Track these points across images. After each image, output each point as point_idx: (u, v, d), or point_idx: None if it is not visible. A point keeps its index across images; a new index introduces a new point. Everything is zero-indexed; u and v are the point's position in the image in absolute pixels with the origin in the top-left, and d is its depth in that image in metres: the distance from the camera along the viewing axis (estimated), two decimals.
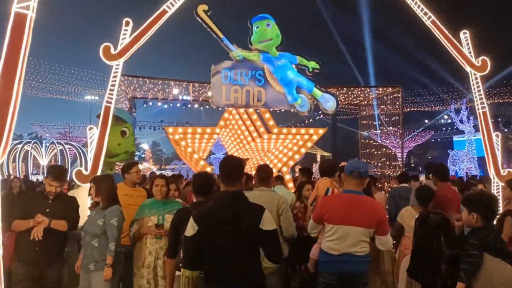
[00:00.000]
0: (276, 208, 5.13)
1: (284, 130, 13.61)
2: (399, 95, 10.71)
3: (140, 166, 35.57)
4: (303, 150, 13.79)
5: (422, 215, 4.75)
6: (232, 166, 3.32)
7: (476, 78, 7.34)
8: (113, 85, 6.84)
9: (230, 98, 10.21)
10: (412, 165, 44.66)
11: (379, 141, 15.05)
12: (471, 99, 25.97)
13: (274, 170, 15.98)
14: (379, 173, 14.47)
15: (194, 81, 10.30)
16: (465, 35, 7.42)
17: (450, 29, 7.39)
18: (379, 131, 13.93)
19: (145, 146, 57.64)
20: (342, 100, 11.93)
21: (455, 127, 38.15)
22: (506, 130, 35.47)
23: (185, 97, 34.13)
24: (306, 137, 14.04)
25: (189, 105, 34.31)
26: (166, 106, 32.04)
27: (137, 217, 4.96)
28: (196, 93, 11.43)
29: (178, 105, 32.95)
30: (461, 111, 24.94)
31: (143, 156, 43.45)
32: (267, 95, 10.35)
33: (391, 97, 10.91)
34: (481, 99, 7.31)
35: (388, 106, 11.04)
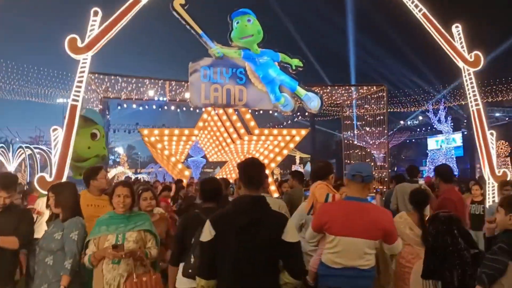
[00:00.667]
0: None
1: (266, 131, 13.05)
2: (384, 93, 10.30)
3: (115, 171, 34.40)
4: (285, 152, 13.28)
5: (432, 216, 4.41)
6: (255, 169, 3.06)
7: (469, 74, 6.96)
8: (80, 81, 6.14)
9: (209, 97, 9.60)
10: (395, 169, 44.76)
11: (356, 142, 14.64)
12: (448, 99, 26.16)
13: None
14: None
15: (171, 79, 9.63)
16: (457, 28, 7.04)
17: (442, 22, 6.98)
18: (356, 131, 13.54)
19: (120, 149, 56.24)
20: (326, 100, 11.49)
21: (429, 127, 38.48)
22: None
23: (161, 98, 33.31)
24: (288, 138, 13.53)
25: (165, 107, 33.64)
26: (141, 108, 31.18)
27: (91, 236, 3.85)
28: (173, 93, 10.76)
29: (154, 106, 32.17)
30: (439, 111, 25.01)
31: (118, 160, 42.16)
32: (249, 94, 9.78)
33: (375, 96, 10.50)
34: (474, 95, 6.93)
35: (373, 106, 10.63)
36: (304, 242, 4.90)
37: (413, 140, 37.33)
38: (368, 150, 16.10)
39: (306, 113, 33.22)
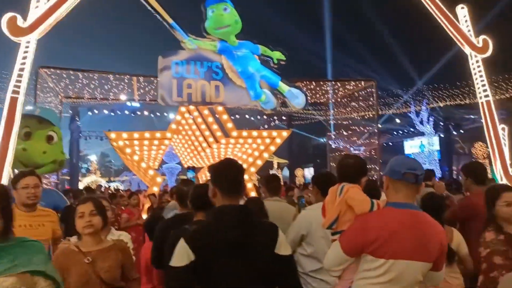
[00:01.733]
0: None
1: (244, 133, 11.98)
2: (373, 89, 9.41)
3: (87, 179, 32.66)
4: (265, 155, 12.23)
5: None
6: (236, 171, 2.56)
7: (477, 62, 6.10)
8: (22, 69, 4.96)
9: (182, 94, 8.49)
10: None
11: (342, 144, 13.75)
12: (430, 100, 25.70)
13: None
14: None
15: (138, 75, 8.47)
16: (463, 10, 6.20)
17: (445, 3, 6.10)
18: (343, 132, 12.64)
19: (93, 157, 54.07)
20: (309, 98, 10.54)
21: (405, 130, 38.15)
22: (455, 133, 35.76)
23: (134, 104, 31.82)
24: (268, 140, 12.49)
25: (138, 112, 32.16)
26: (113, 113, 29.67)
27: None
28: (141, 91, 9.58)
29: (127, 112, 30.67)
30: (421, 112, 24.50)
31: (90, 168, 40.30)
32: (226, 90, 8.72)
33: (363, 92, 9.61)
34: (483, 85, 6.08)
35: (361, 103, 9.73)
36: (303, 259, 3.81)
37: (390, 143, 36.95)
38: (345, 153, 15.25)
39: (284, 117, 32.42)
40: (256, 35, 8.92)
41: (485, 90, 6.05)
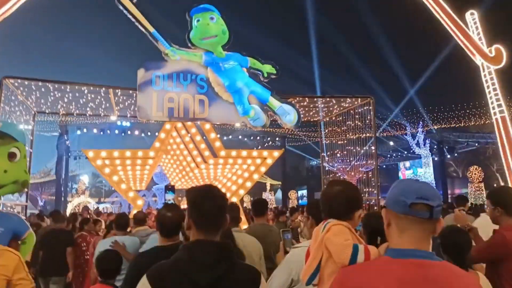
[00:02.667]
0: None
1: (233, 153, 11.15)
2: (370, 107, 8.66)
3: (77, 200, 31.39)
4: (255, 177, 11.36)
5: None
6: (215, 203, 2.08)
7: (490, 73, 5.37)
8: None
9: (163, 109, 7.68)
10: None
11: (337, 165, 12.95)
12: (425, 121, 25.09)
13: None
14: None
15: (115, 87, 7.66)
16: (472, 16, 5.51)
17: (455, 9, 5.40)
18: (338, 153, 11.84)
19: (84, 178, 52.87)
20: (301, 116, 9.77)
21: (399, 153, 37.50)
22: (449, 156, 35.15)
23: (124, 123, 30.94)
24: (259, 161, 11.67)
25: (129, 131, 31.28)
26: (102, 133, 28.75)
27: None
28: (120, 105, 8.76)
29: (117, 131, 29.79)
30: (417, 134, 23.77)
31: (77, 189, 39.09)
32: (212, 105, 7.93)
33: (359, 110, 8.86)
34: (497, 100, 5.32)
35: (357, 122, 8.97)
36: None
37: (384, 166, 36.25)
38: (339, 174, 14.44)
39: (277, 138, 31.68)
40: (243, 49, 8.18)
41: (499, 105, 5.30)
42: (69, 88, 7.71)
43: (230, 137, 29.62)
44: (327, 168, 11.96)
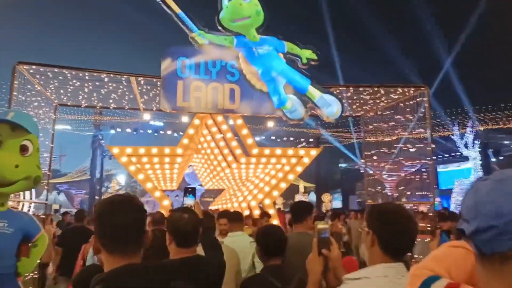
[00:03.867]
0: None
1: (266, 151, 10.16)
2: (425, 98, 7.45)
3: None
4: (290, 177, 10.32)
5: None
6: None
7: None
8: None
9: (189, 98, 6.78)
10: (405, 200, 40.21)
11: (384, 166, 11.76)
12: (473, 121, 23.22)
13: (254, 204, 12.52)
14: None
15: (138, 75, 6.83)
16: None
17: None
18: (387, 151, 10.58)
19: (121, 178, 53.36)
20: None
21: (439, 155, 35.38)
22: (494, 159, 32.84)
23: (157, 123, 30.55)
24: (294, 160, 10.62)
25: (162, 132, 30.84)
26: (135, 132, 28.41)
27: None
28: (145, 97, 7.93)
29: (150, 131, 29.38)
30: (466, 134, 21.86)
31: (109, 189, 39.15)
32: (244, 95, 6.96)
33: (411, 102, 7.66)
34: None
35: (407, 116, 7.78)
36: None
37: (423, 170, 34.28)
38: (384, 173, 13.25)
39: (311, 139, 30.36)
40: (284, 30, 7.19)
41: None
42: (88, 76, 6.93)
43: (263, 137, 28.66)
44: (370, 171, 10.75)
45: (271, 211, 10.23)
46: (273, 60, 7.04)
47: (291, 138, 29.31)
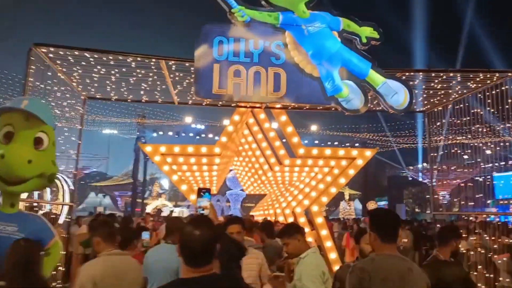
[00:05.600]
0: None
1: (314, 151, 8.88)
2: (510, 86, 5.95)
3: (157, 203, 31.15)
4: (342, 181, 8.96)
5: None
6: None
7: None
8: None
9: (226, 85, 5.67)
10: (457, 210, 35.97)
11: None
12: None
13: (299, 210, 11.26)
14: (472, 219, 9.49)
15: (168, 58, 5.81)
16: None
17: None
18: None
19: (164, 182, 53.42)
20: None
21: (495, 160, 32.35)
22: None
23: (198, 126, 29.91)
24: (344, 163, 9.27)
25: (203, 135, 30.22)
26: (177, 136, 27.93)
27: None
28: (178, 87, 6.91)
29: (191, 134, 28.83)
30: None
31: (152, 193, 38.99)
32: (291, 81, 5.77)
33: (493, 92, 6.18)
34: None
35: (490, 109, 6.29)
36: None
37: (479, 178, 31.46)
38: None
39: (356, 144, 28.52)
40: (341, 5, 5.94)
41: None
42: (113, 61, 5.98)
43: (306, 141, 27.24)
44: (434, 181, 9.17)
45: (320, 220, 8.94)
46: (326, 39, 5.81)
47: (336, 143, 27.72)
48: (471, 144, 7.39)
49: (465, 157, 9.45)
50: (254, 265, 3.95)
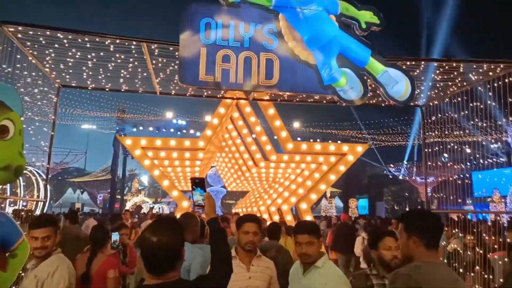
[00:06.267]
0: None
1: (304, 146, 8.41)
2: None
3: (135, 199, 30.21)
4: (332, 178, 8.51)
5: None
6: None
7: None
8: None
9: (214, 71, 5.12)
10: (434, 208, 36.28)
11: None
12: None
13: (285, 208, 10.79)
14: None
15: (150, 40, 5.21)
16: None
17: None
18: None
19: (144, 178, 52.38)
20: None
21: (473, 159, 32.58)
22: None
23: (180, 121, 29.11)
24: (333, 159, 8.85)
25: (185, 131, 29.46)
26: (157, 131, 27.10)
27: None
28: (161, 76, 6.31)
29: (172, 130, 28.03)
30: None
31: (132, 189, 37.92)
32: (284, 68, 5.26)
33: (496, 84, 5.81)
34: None
35: (492, 102, 5.93)
36: None
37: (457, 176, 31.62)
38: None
39: (339, 141, 28.18)
40: None
41: None
42: (89, 43, 5.35)
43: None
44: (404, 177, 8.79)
45: (308, 218, 8.46)
46: (322, 23, 5.32)
47: (318, 140, 27.38)
48: (469, 141, 7.01)
49: (445, 155, 9.09)
50: (265, 274, 3.18)
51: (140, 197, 40.93)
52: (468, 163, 9.58)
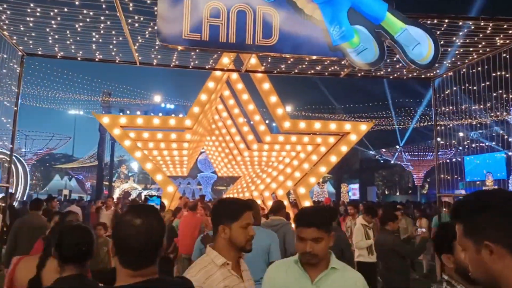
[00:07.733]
0: None
1: (302, 124, 7.49)
2: None
3: (124, 185, 29.35)
4: (333, 159, 7.62)
5: None
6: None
7: None
8: None
9: (200, 28, 4.15)
10: (425, 192, 35.74)
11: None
12: None
13: (281, 193, 9.94)
14: None
15: None
16: None
17: None
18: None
19: (134, 165, 51.04)
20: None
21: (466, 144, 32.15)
22: None
23: (168, 105, 27.94)
24: (332, 140, 7.99)
25: (173, 114, 28.29)
26: (145, 115, 25.96)
27: None
28: (140, 40, 5.33)
29: (161, 114, 26.89)
30: None
31: (121, 175, 36.73)
32: (285, 25, 4.30)
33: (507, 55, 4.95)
34: None
35: (503, 72, 5.07)
36: None
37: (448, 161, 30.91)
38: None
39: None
40: None
41: None
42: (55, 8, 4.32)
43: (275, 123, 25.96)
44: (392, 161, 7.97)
45: (307, 203, 7.61)
46: None
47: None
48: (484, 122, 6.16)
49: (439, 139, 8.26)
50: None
51: (129, 184, 39.88)
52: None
